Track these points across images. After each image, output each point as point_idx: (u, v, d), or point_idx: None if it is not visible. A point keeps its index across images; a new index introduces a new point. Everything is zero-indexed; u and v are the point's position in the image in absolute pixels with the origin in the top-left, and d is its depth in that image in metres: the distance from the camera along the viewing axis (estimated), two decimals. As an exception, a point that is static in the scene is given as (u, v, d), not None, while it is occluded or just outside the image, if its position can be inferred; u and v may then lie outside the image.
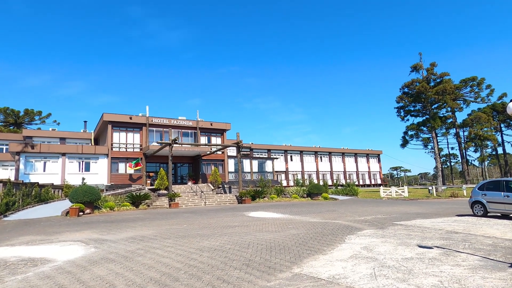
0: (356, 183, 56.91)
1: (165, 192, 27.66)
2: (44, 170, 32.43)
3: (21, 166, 31.34)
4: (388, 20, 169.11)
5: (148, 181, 33.99)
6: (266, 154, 54.52)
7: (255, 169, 43.28)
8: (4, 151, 36.75)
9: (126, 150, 35.05)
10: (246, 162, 41.99)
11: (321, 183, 47.22)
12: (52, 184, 27.78)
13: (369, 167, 68.22)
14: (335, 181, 54.91)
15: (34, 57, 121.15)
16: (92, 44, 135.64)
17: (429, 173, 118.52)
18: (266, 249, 7.06)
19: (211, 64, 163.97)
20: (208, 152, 36.42)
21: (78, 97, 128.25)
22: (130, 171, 33.65)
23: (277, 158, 50.59)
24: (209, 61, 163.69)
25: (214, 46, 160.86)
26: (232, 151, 45.41)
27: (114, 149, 34.26)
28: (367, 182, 66.68)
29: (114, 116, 34.54)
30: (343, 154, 65.13)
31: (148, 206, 23.52)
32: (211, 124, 39.46)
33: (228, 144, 34.16)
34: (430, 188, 34.84)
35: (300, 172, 58.14)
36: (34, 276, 5.39)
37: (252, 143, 51.75)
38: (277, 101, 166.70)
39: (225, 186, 33.20)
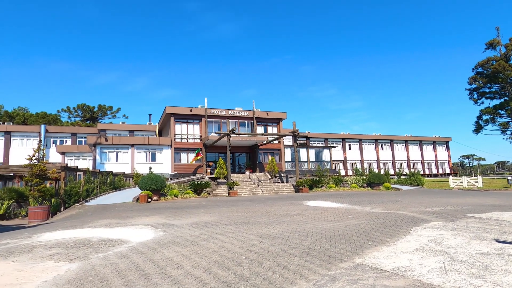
0: (421, 172, 53.40)
1: (224, 181, 28.63)
2: (116, 160, 35.52)
3: (97, 157, 34.66)
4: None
5: (208, 170, 35.48)
6: (323, 143, 53.48)
7: (312, 158, 42.78)
8: (83, 143, 40.91)
9: (187, 141, 36.87)
10: (302, 151, 41.67)
11: (382, 172, 45.17)
12: (124, 173, 30.31)
13: (436, 156, 63.53)
14: (397, 170, 52.18)
15: (103, 57, 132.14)
16: (153, 41, 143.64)
17: (508, 161, 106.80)
18: (325, 238, 6.99)
19: (265, 53, 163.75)
20: (265, 142, 36.80)
21: (143, 92, 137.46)
22: (191, 161, 35.38)
23: (334, 147, 49.39)
24: (263, 51, 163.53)
25: (268, 35, 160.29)
26: (288, 140, 45.31)
27: (176, 140, 36.24)
28: (434, 171, 62.23)
29: (176, 108, 36.43)
30: (406, 142, 61.41)
31: (209, 194, 24.58)
32: (267, 114, 39.70)
33: (284, 133, 34.13)
34: (509, 178, 31.44)
35: (359, 161, 56.15)
36: (113, 255, 5.98)
37: (308, 132, 51.09)
38: (332, 88, 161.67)
39: (282, 175, 33.34)
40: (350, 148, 56.44)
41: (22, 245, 7.18)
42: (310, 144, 48.24)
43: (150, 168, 31.72)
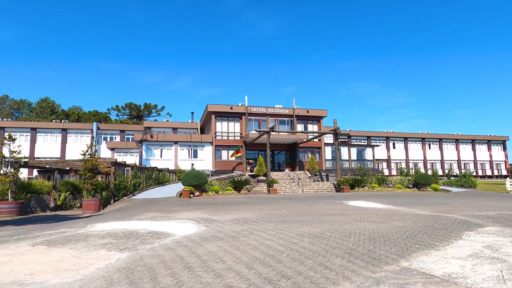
0: (474, 173, 49.93)
1: (264, 178, 28.77)
2: (161, 156, 37.03)
3: (143, 153, 36.35)
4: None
5: (248, 168, 35.85)
6: (366, 141, 51.85)
7: (354, 157, 41.66)
8: (130, 140, 43.14)
9: (228, 138, 37.49)
10: (344, 150, 40.73)
11: (430, 172, 42.88)
12: (168, 168, 31.53)
13: (490, 156, 59.10)
14: (446, 171, 49.32)
15: (149, 58, 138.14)
16: (195, 41, 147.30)
17: None
18: (369, 240, 6.77)
19: (305, 50, 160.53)
20: (305, 140, 36.43)
21: (185, 91, 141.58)
22: (232, 158, 35.96)
23: (377, 146, 47.68)
24: (303, 48, 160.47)
25: (308, 32, 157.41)
26: (329, 139, 44.52)
27: (217, 138, 37.00)
28: (488, 173, 57.94)
29: (217, 106, 37.17)
30: (456, 141, 57.75)
31: (249, 191, 24.83)
32: (308, 112, 39.25)
33: (325, 131, 33.56)
34: None
35: (405, 161, 53.76)
36: (159, 247, 6.25)
37: (350, 130, 49.79)
38: (375, 84, 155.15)
39: (322, 173, 32.83)
40: (394, 147, 54.19)
41: (78, 234, 7.74)
42: (352, 143, 46.99)
43: (192, 164, 32.71)
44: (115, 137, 44.66)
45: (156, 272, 4.59)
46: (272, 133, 29.52)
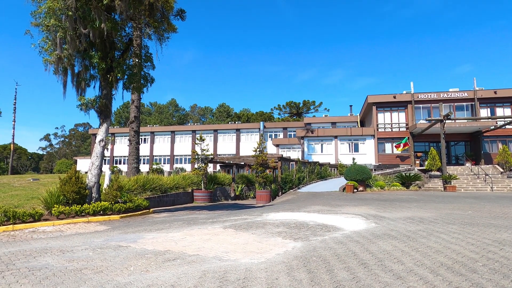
0: None
1: (438, 173, 25.30)
2: (321, 151, 37.75)
3: (305, 148, 37.88)
4: None
5: (417, 162, 32.31)
6: None
7: None
8: (292, 136, 45.75)
9: (392, 130, 34.84)
10: (554, 137, 31.45)
11: None
12: (329, 163, 31.85)
13: None
14: None
15: (303, 55, 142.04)
16: (347, 30, 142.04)
17: None
18: None
19: (481, 18, 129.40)
20: (492, 127, 30.06)
21: (340, 84, 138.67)
22: (397, 151, 33.18)
23: None
24: (478, 15, 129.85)
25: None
26: (528, 124, 35.24)
27: (379, 130, 34.90)
28: None
29: (378, 97, 35.06)
30: None
31: (419, 187, 22.38)
32: (495, 92, 32.25)
33: (522, 115, 26.73)
34: None
35: None
36: (330, 240, 6.32)
37: None
38: None
39: (520, 168, 26.27)
40: None
41: (256, 221, 8.70)
42: None
43: (353, 159, 31.92)
44: (279, 134, 48.27)
45: (331, 265, 4.64)
46: (447, 121, 25.57)
